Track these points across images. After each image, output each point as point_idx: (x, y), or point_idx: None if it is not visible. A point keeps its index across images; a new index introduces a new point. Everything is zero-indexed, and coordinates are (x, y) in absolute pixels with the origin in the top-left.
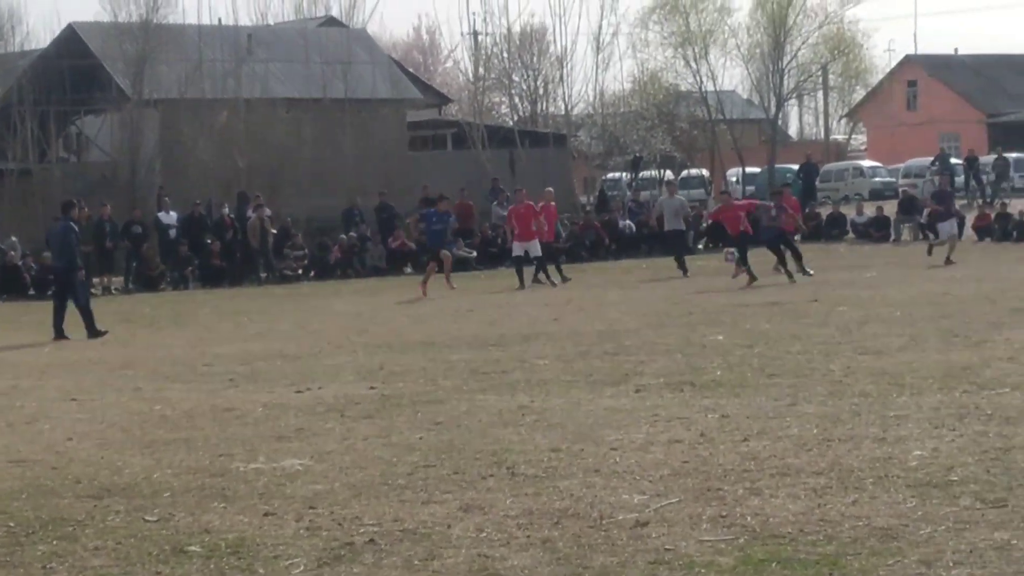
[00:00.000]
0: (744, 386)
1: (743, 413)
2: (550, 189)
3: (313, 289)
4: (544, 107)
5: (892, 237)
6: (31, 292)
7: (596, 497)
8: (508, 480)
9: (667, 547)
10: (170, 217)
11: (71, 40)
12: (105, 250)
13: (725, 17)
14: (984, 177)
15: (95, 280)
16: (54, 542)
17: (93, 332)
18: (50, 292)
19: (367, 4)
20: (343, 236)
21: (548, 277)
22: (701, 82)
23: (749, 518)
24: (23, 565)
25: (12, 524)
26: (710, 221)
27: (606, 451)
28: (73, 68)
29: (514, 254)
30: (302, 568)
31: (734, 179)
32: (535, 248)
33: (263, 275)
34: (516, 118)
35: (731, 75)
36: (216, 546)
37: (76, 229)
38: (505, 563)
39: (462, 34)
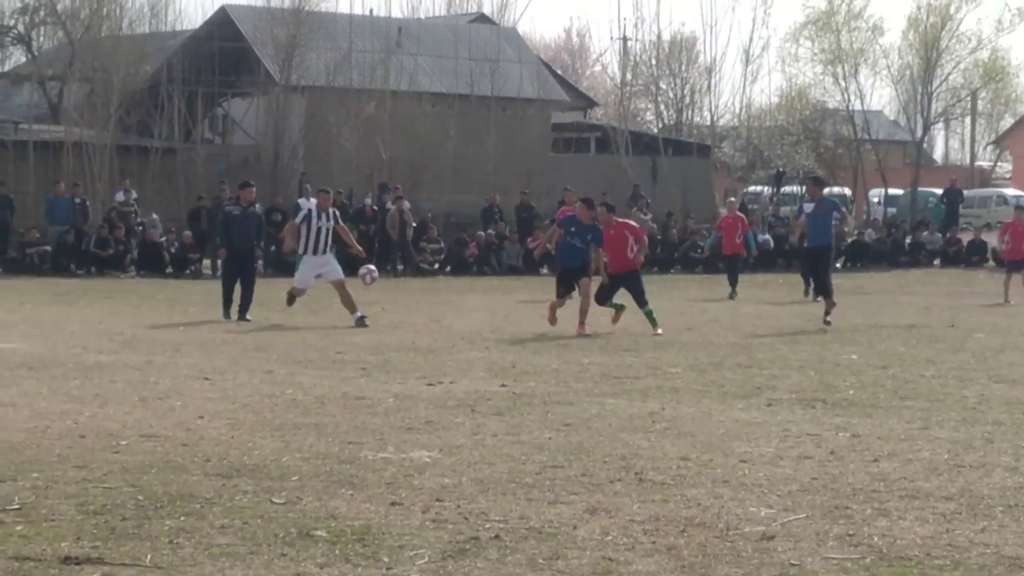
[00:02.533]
0: (876, 407)
1: (874, 433)
2: (732, 199)
3: (448, 284)
4: (689, 116)
5: None
6: (169, 270)
7: (723, 508)
8: (635, 485)
9: (792, 562)
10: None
11: (223, 22)
12: None
13: (877, 37)
14: None
15: None
16: (181, 518)
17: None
18: (217, 272)
19: (519, 3)
20: (481, 233)
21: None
22: (848, 100)
23: (876, 538)
24: (150, 539)
25: (141, 498)
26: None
27: (735, 463)
28: (223, 50)
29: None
30: (426, 559)
31: (876, 200)
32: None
33: (400, 267)
34: (661, 125)
35: (879, 95)
36: (342, 532)
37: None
38: (629, 567)
39: (612, 38)
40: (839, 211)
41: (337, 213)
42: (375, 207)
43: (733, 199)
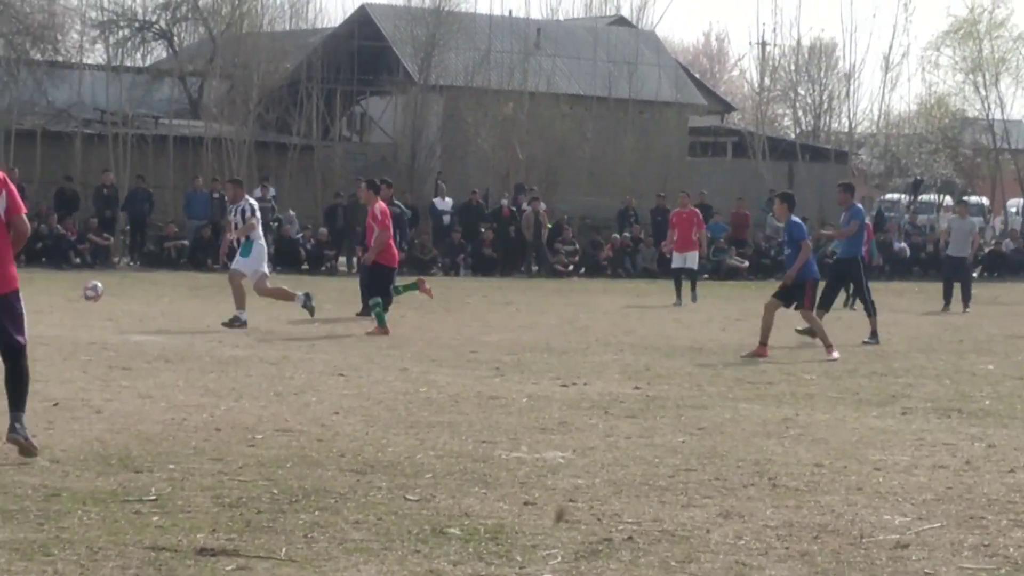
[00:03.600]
0: (1013, 417)
1: (1010, 444)
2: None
3: (582, 285)
4: (827, 122)
5: None
6: (304, 266)
7: (857, 515)
8: (769, 491)
9: (927, 571)
10: (445, 203)
11: (363, 21)
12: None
13: (1019, 46)
14: None
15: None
16: (316, 512)
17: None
18: (354, 270)
19: (658, 6)
20: (616, 235)
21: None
22: (989, 109)
23: (1012, 549)
24: (285, 532)
25: (276, 491)
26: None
27: (869, 470)
28: (362, 49)
29: (673, 265)
30: (559, 559)
31: (1014, 210)
32: (694, 260)
33: (534, 268)
34: (798, 131)
35: (1020, 104)
36: (475, 530)
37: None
38: (762, 573)
39: (750, 43)
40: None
41: (251, 207)
42: (512, 208)
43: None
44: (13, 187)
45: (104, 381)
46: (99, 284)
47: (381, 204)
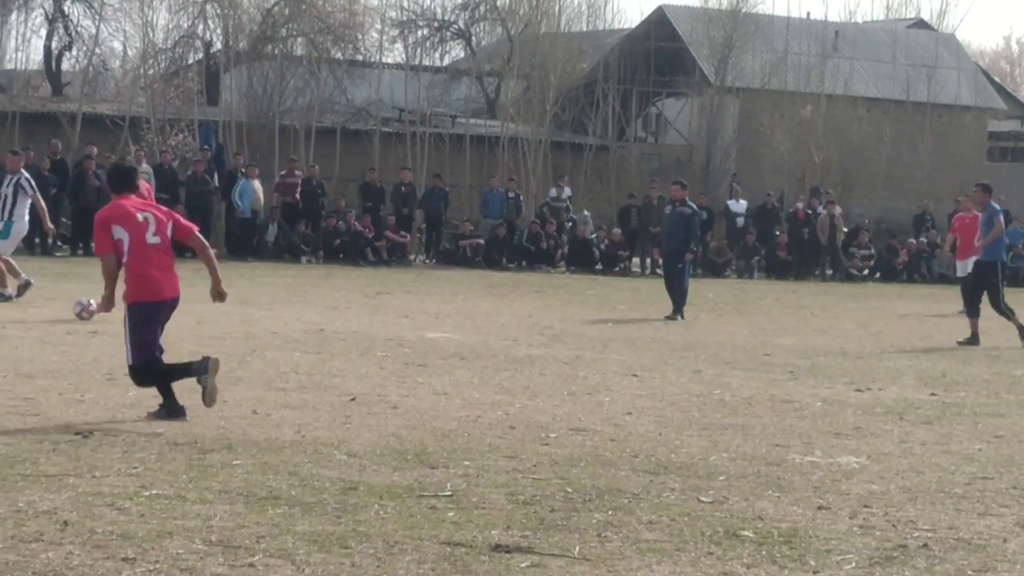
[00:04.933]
0: None
1: None
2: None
3: (877, 290)
4: None
5: None
6: (598, 266)
7: None
8: None
9: None
10: (739, 205)
11: (660, 22)
12: None
13: None
14: None
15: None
16: (609, 512)
17: (676, 313)
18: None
19: (958, 9)
20: (912, 240)
21: None
22: None
23: None
24: (579, 531)
25: (569, 490)
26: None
27: None
28: (659, 50)
29: (957, 274)
30: (854, 565)
31: None
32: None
33: (828, 272)
34: None
35: None
36: (769, 533)
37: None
38: None
39: None
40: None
41: (31, 182)
42: (807, 211)
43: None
44: (178, 216)
45: (400, 377)
46: (91, 300)
47: None
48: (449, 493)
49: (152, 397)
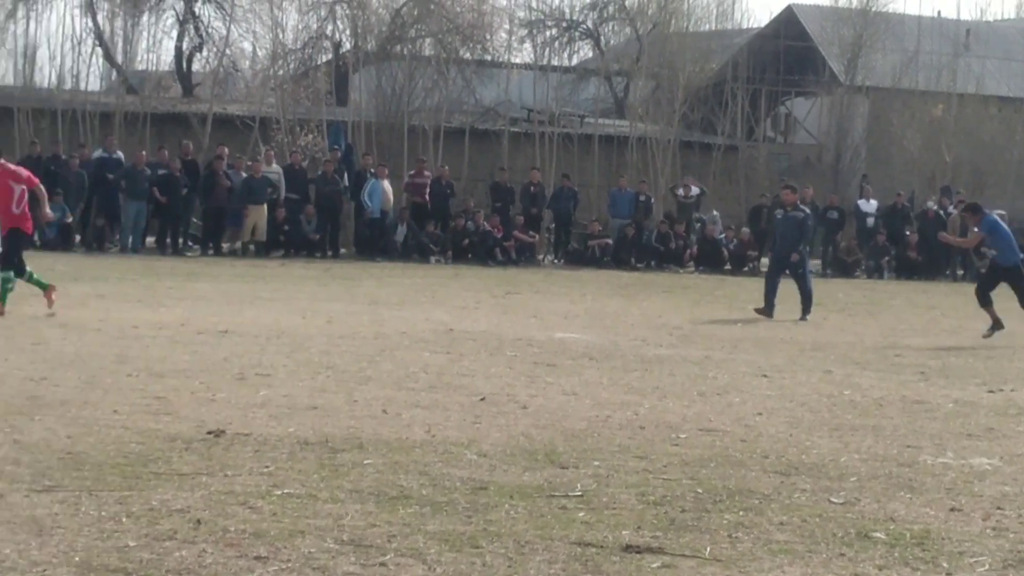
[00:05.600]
0: None
1: None
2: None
3: (1008, 291)
4: None
5: None
6: (727, 267)
7: None
8: None
9: None
10: (870, 205)
11: (789, 21)
12: None
13: None
14: None
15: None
16: (740, 512)
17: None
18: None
19: None
20: None
21: None
22: None
23: None
24: (709, 531)
25: (700, 490)
26: None
27: None
28: (788, 49)
29: None
30: (987, 567)
31: None
32: None
33: (959, 272)
34: None
35: None
36: (900, 535)
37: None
38: None
39: None
40: None
41: None
42: (938, 211)
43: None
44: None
45: (529, 377)
46: None
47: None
48: (580, 493)
49: (284, 396)
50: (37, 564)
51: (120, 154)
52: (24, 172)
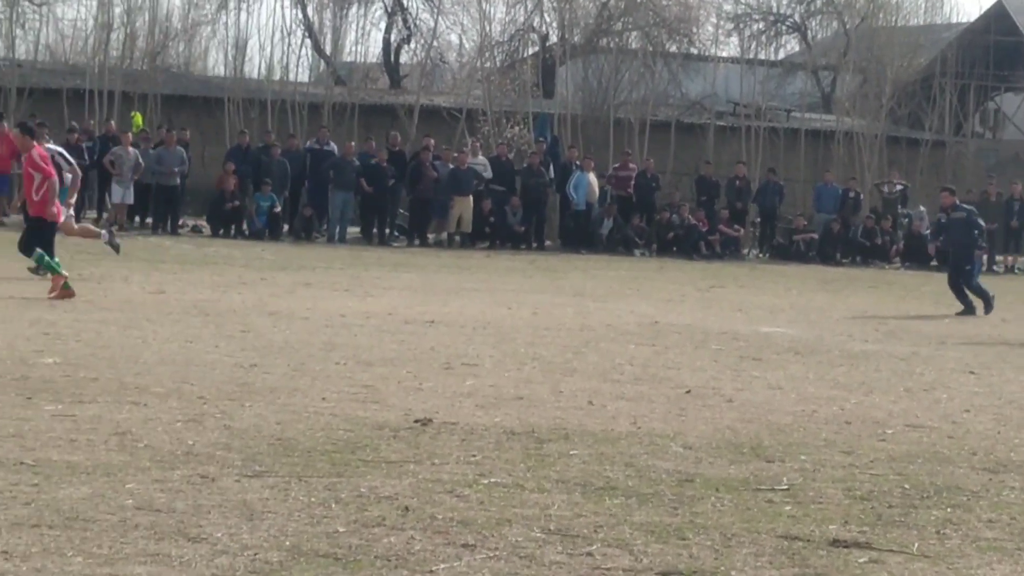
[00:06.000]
0: None
1: None
2: None
3: None
4: None
5: None
6: (933, 263)
7: None
8: None
9: None
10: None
11: (999, 16)
12: (1010, 229)
13: None
14: None
15: (998, 258)
16: (948, 509)
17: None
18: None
19: None
20: None
21: None
22: None
23: None
24: (917, 527)
25: (907, 486)
26: None
27: None
28: (998, 44)
29: None
30: None
31: None
32: None
33: None
34: None
35: None
36: None
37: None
38: None
39: None
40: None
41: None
42: None
43: None
44: None
45: (735, 371)
46: None
47: (40, 150)
48: (786, 487)
49: (490, 386)
50: (248, 547)
51: (333, 145)
52: (45, 160)
